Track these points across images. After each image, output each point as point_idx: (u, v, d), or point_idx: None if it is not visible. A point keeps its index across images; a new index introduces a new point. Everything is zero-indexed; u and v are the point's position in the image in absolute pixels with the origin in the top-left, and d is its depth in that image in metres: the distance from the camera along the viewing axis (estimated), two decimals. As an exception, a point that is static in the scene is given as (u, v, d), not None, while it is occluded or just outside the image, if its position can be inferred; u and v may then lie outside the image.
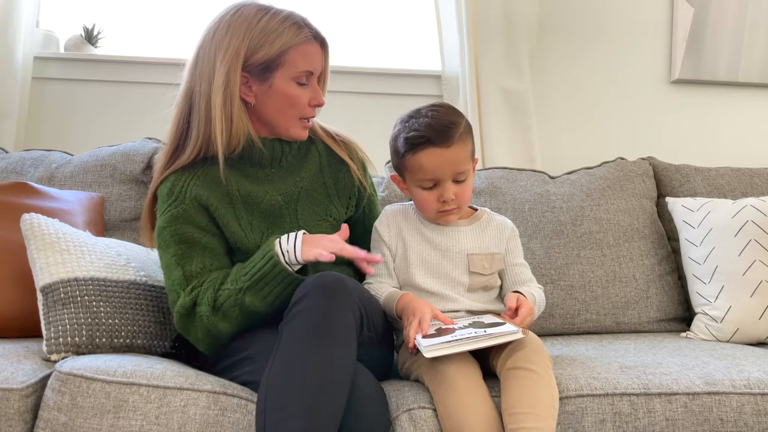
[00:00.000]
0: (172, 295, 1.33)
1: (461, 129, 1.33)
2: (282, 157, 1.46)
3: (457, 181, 1.35)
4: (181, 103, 1.40)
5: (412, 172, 1.35)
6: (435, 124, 1.31)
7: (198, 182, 1.38)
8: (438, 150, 1.31)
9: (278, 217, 1.42)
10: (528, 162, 2.26)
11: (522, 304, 1.29)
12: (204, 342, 1.31)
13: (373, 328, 1.26)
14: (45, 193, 1.70)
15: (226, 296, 1.27)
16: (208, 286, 1.29)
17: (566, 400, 1.23)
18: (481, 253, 1.39)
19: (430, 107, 1.36)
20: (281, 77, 1.37)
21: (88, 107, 2.23)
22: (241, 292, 1.26)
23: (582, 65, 2.42)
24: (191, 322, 1.30)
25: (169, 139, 1.42)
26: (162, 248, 1.36)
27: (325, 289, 1.15)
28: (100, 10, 2.37)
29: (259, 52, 1.35)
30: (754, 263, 1.73)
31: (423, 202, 1.37)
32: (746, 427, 1.24)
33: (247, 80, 1.37)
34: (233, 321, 1.28)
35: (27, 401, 1.16)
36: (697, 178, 2.07)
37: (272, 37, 1.35)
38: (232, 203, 1.39)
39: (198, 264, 1.33)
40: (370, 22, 2.45)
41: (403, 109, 1.42)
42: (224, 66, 1.33)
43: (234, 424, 1.17)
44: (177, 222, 1.35)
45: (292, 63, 1.37)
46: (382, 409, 1.18)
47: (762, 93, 2.48)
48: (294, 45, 1.36)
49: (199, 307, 1.28)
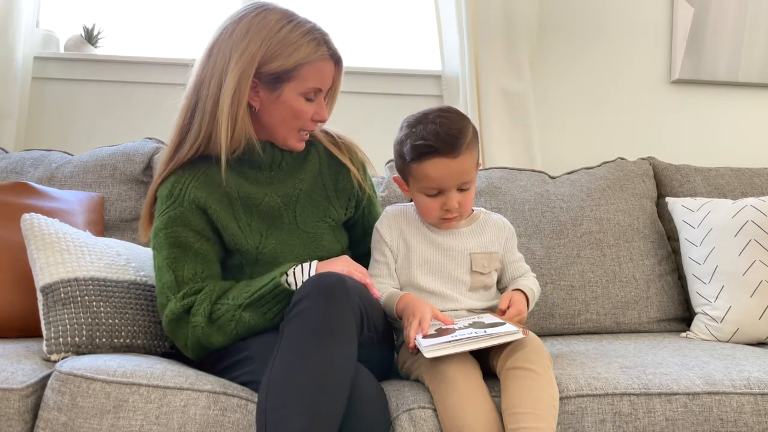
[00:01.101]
0: (161, 298, 1.33)
1: (468, 138, 1.32)
2: (282, 160, 1.46)
3: (462, 189, 1.34)
4: (189, 96, 1.39)
5: (417, 180, 1.34)
6: (443, 133, 1.29)
7: (197, 184, 1.38)
8: (445, 160, 1.29)
9: (277, 218, 1.42)
10: (528, 162, 2.26)
11: (512, 304, 1.31)
12: (192, 350, 1.32)
13: (374, 328, 1.26)
14: (45, 193, 1.70)
15: (224, 311, 1.28)
16: (204, 297, 1.30)
17: (566, 400, 1.23)
18: (482, 252, 1.39)
19: (437, 112, 1.33)
20: (291, 90, 1.36)
21: (88, 107, 2.23)
22: (240, 308, 1.27)
23: (582, 65, 2.42)
24: (180, 329, 1.31)
25: (174, 131, 1.42)
26: (156, 249, 1.36)
27: (326, 289, 1.15)
28: (100, 10, 2.37)
29: (274, 62, 1.33)
30: (754, 263, 1.73)
31: (426, 209, 1.37)
32: (746, 427, 1.24)
33: (256, 86, 1.36)
34: (228, 335, 1.29)
35: (27, 401, 1.16)
36: (697, 178, 2.07)
37: (290, 50, 1.33)
38: (231, 204, 1.39)
39: (189, 270, 1.33)
40: (370, 22, 2.45)
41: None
42: (238, 69, 1.32)
43: (234, 424, 1.17)
44: (173, 224, 1.35)
45: (304, 78, 1.36)
46: (383, 410, 1.18)
47: (762, 93, 2.48)
48: (310, 62, 1.35)
49: (194, 317, 1.29)
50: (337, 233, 1.49)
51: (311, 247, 1.43)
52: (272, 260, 1.39)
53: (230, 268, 1.41)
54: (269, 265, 1.38)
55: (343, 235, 1.52)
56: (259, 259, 1.39)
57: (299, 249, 1.42)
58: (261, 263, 1.39)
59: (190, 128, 1.38)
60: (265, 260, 1.39)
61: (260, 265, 1.39)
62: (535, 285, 1.44)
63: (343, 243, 1.50)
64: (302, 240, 1.43)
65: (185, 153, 1.39)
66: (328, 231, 1.46)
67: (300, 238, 1.43)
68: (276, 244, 1.40)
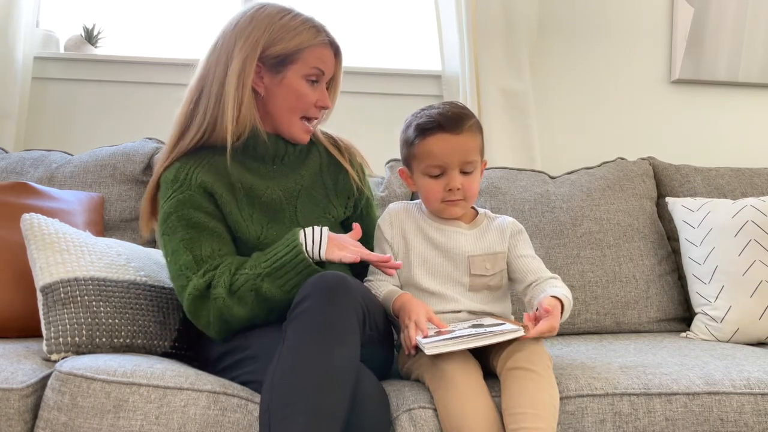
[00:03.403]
0: (180, 280, 1.32)
1: (472, 121, 1.37)
2: (285, 155, 1.47)
3: (465, 173, 1.35)
4: (194, 86, 1.43)
5: (420, 159, 1.36)
6: (447, 113, 1.35)
7: (203, 170, 1.39)
8: (448, 136, 1.33)
9: (279, 211, 1.43)
10: (528, 162, 2.26)
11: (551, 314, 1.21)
12: (215, 326, 1.30)
13: (375, 327, 1.26)
14: (45, 193, 1.70)
15: (243, 280, 1.27)
16: (224, 269, 1.29)
17: (566, 400, 1.23)
18: (482, 254, 1.39)
19: (442, 103, 1.40)
20: (294, 73, 1.41)
21: (88, 107, 2.23)
22: (260, 278, 1.26)
23: (582, 65, 2.42)
24: (203, 305, 1.29)
25: (177, 120, 1.44)
26: (168, 234, 1.36)
27: (328, 289, 1.15)
28: (100, 10, 2.38)
29: (277, 46, 1.39)
30: (754, 263, 1.73)
31: (429, 191, 1.37)
32: (746, 427, 1.24)
33: (260, 71, 1.41)
34: (248, 306, 1.27)
35: (27, 401, 1.16)
36: (697, 178, 2.07)
37: (291, 34, 1.40)
38: (234, 194, 1.40)
39: (207, 248, 1.33)
40: (370, 22, 2.45)
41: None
42: (242, 53, 1.38)
43: (234, 424, 1.17)
44: (184, 207, 1.35)
45: (305, 61, 1.41)
46: (384, 409, 1.18)
47: (762, 93, 2.48)
48: (310, 46, 1.41)
49: (215, 290, 1.28)
50: (337, 231, 1.49)
51: None
52: None
53: None
54: None
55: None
56: (260, 249, 1.39)
57: None
58: None
59: (195, 114, 1.41)
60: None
61: None
62: (568, 292, 1.32)
63: None
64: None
65: (189, 140, 1.41)
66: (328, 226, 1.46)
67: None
68: (276, 237, 1.40)
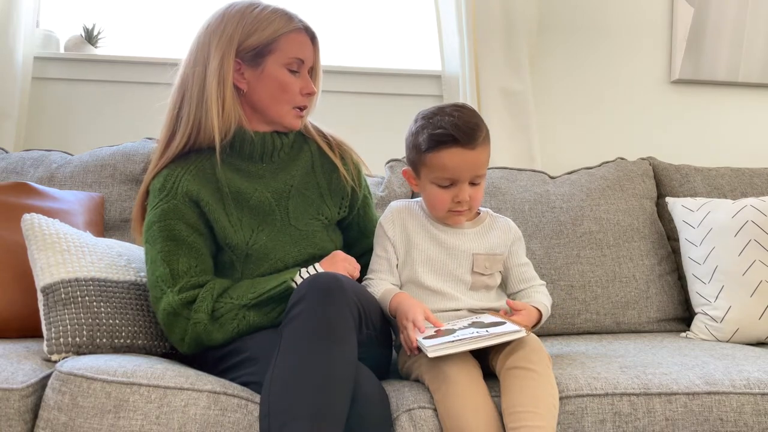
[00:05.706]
0: (155, 291, 1.34)
1: (484, 133, 1.35)
2: (274, 151, 1.47)
3: (473, 184, 1.35)
4: (176, 91, 1.44)
5: (431, 170, 1.35)
6: (461, 125, 1.31)
7: (190, 177, 1.39)
8: (462, 150, 1.31)
9: (268, 214, 1.43)
10: (528, 162, 2.26)
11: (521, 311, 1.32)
12: (188, 345, 1.32)
13: (372, 326, 1.26)
14: (45, 193, 1.70)
15: (227, 309, 1.30)
16: (205, 294, 1.31)
17: (566, 400, 1.23)
18: (485, 254, 1.39)
19: (453, 107, 1.36)
20: (273, 63, 1.41)
21: (88, 107, 2.23)
22: (245, 308, 1.30)
23: (582, 65, 2.42)
24: (177, 323, 1.31)
25: (164, 127, 1.45)
26: (149, 243, 1.37)
27: (322, 289, 1.16)
28: (100, 10, 2.37)
29: (252, 38, 1.40)
30: (754, 263, 1.73)
31: (436, 200, 1.37)
32: (746, 427, 1.25)
33: (240, 67, 1.41)
34: (228, 332, 1.31)
35: (27, 401, 1.16)
36: (697, 178, 2.07)
37: (264, 24, 1.41)
38: (222, 199, 1.40)
39: (184, 263, 1.34)
40: (370, 22, 2.45)
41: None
42: (219, 51, 1.39)
43: (234, 424, 1.17)
44: (167, 217, 1.36)
45: (283, 49, 1.42)
46: (384, 408, 1.19)
47: (762, 93, 2.48)
48: (285, 33, 1.42)
49: (196, 314, 1.30)
50: (331, 232, 1.49)
51: (302, 244, 1.43)
52: (263, 256, 1.40)
53: (221, 265, 1.41)
54: (260, 261, 1.39)
55: (337, 234, 1.52)
56: (249, 255, 1.39)
57: (290, 246, 1.42)
58: (252, 259, 1.39)
59: (180, 119, 1.42)
60: (256, 256, 1.40)
61: (251, 262, 1.39)
62: (549, 301, 1.43)
63: (337, 243, 1.50)
64: (293, 237, 1.43)
65: (176, 145, 1.41)
66: (320, 229, 1.46)
67: (291, 234, 1.43)
68: (267, 240, 1.40)
